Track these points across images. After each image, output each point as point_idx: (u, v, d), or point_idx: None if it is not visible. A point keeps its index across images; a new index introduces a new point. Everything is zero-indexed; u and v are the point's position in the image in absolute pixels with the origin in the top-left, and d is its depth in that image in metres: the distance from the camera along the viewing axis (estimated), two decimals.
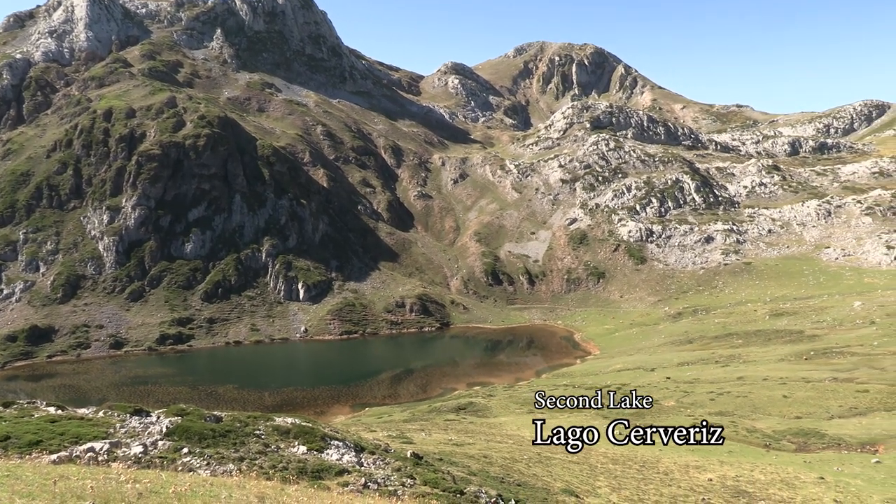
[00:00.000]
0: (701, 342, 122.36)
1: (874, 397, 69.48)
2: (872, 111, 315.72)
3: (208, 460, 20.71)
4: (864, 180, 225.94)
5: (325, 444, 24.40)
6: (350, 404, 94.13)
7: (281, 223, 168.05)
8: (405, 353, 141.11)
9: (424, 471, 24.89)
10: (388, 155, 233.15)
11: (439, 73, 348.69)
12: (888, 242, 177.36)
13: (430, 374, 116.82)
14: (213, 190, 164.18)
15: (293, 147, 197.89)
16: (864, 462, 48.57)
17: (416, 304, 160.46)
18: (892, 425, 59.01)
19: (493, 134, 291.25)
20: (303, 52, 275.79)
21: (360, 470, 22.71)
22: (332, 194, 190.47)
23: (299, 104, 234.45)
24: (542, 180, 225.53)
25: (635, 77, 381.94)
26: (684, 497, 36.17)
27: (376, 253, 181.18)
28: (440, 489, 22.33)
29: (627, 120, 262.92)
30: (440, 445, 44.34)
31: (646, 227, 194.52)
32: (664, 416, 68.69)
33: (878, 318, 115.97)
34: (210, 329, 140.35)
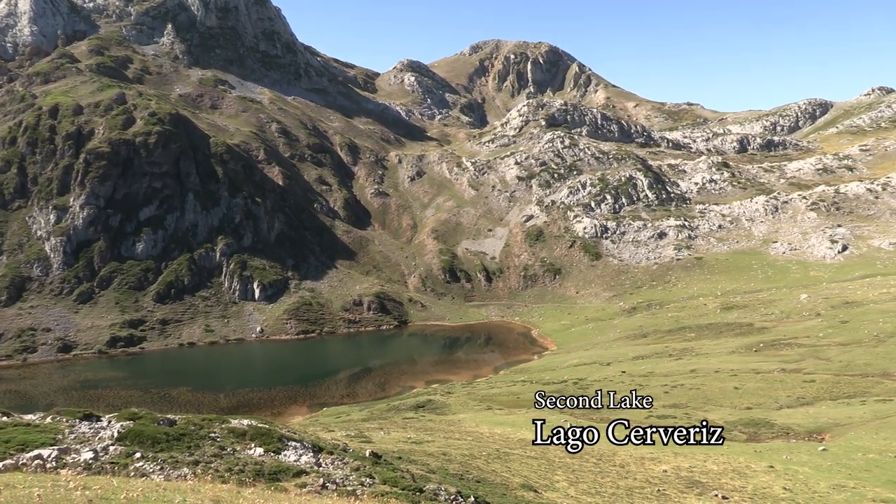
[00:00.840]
0: (655, 336, 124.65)
1: (820, 387, 71.77)
2: (816, 109, 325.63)
3: (162, 465, 20.28)
4: (809, 177, 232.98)
5: (282, 446, 24.12)
6: (308, 404, 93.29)
7: (235, 222, 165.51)
8: (363, 352, 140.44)
9: (383, 470, 24.80)
10: (344, 153, 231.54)
11: (395, 71, 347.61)
12: (832, 237, 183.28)
13: (389, 372, 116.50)
14: (164, 188, 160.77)
15: (247, 144, 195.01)
16: (812, 450, 50.11)
17: (373, 303, 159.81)
18: (838, 414, 61.02)
19: (449, 131, 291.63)
20: (257, 49, 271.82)
21: (319, 470, 22.52)
22: (288, 192, 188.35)
23: (253, 101, 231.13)
24: (498, 178, 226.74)
25: (589, 75, 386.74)
26: (640, 488, 36.78)
27: (333, 251, 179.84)
28: (399, 488, 22.28)
29: (582, 118, 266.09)
30: (399, 444, 44.25)
31: (601, 223, 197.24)
32: (620, 410, 69.76)
33: (823, 311, 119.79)
34: (163, 331, 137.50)
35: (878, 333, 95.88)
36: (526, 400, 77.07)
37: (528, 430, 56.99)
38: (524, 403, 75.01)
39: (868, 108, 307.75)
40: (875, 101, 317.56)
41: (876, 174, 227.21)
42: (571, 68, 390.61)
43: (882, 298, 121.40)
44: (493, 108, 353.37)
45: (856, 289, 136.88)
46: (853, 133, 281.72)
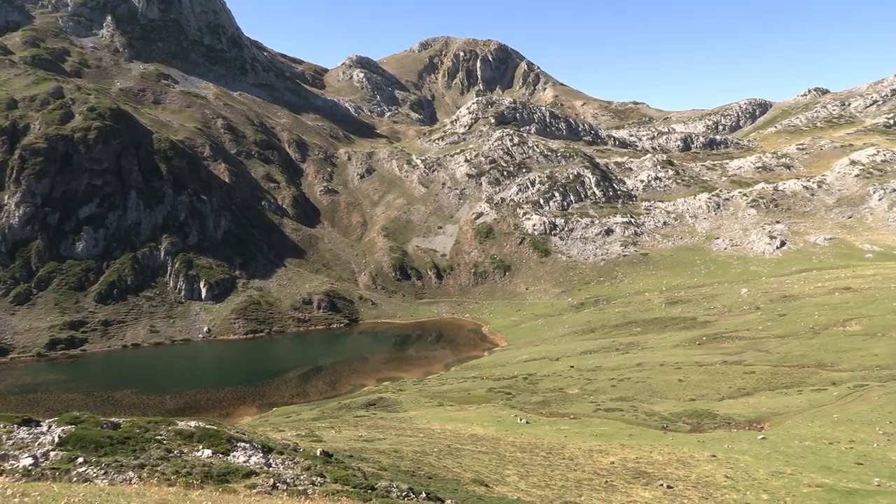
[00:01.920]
0: (602, 331, 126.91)
1: (760, 378, 74.25)
2: (756, 109, 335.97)
3: (106, 469, 19.82)
4: (749, 174, 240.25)
5: (231, 447, 23.81)
6: (257, 405, 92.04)
7: (180, 220, 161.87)
8: (313, 351, 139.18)
9: (335, 468, 24.72)
10: (292, 149, 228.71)
11: (344, 67, 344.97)
12: (771, 233, 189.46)
13: (340, 370, 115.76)
14: (105, 186, 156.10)
15: (192, 141, 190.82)
16: (752, 439, 51.84)
17: (323, 301, 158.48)
18: (776, 403, 63.24)
19: (399, 128, 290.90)
20: (201, 43, 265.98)
21: (269, 471, 22.32)
22: (235, 190, 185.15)
23: (198, 96, 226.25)
24: (448, 175, 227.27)
25: (538, 74, 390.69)
26: (588, 480, 37.50)
27: (282, 249, 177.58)
28: (351, 486, 22.25)
29: (531, 116, 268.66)
30: (350, 442, 44.10)
31: (549, 220, 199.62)
32: (569, 403, 70.93)
33: (762, 304, 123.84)
34: (105, 332, 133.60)
35: (813, 326, 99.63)
36: (477, 396, 77.65)
37: (479, 426, 57.47)
38: (475, 399, 75.56)
39: (805, 108, 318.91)
40: (811, 101, 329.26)
41: (812, 172, 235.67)
42: (520, 66, 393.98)
43: (817, 292, 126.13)
44: (442, 106, 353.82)
45: (793, 283, 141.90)
46: (791, 132, 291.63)
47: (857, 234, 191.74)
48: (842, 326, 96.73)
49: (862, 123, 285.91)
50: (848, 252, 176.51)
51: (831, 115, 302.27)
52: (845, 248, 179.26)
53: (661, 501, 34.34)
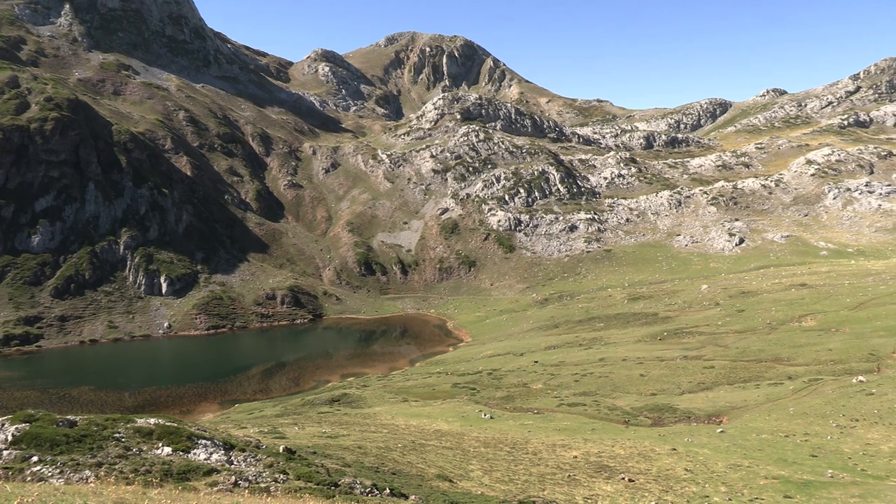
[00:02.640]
0: (566, 326, 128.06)
1: (719, 372, 75.70)
2: (716, 108, 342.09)
3: (62, 468, 19.36)
4: (709, 173, 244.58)
5: (191, 444, 23.46)
6: (219, 401, 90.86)
7: (141, 213, 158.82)
8: (277, 347, 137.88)
9: (298, 465, 24.52)
10: (256, 143, 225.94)
11: (309, 60, 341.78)
12: (730, 230, 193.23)
13: (303, 366, 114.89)
14: (63, 178, 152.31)
15: (153, 133, 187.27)
16: (711, 432, 52.84)
17: (287, 296, 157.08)
18: (735, 397, 64.55)
19: (364, 123, 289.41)
20: (163, 33, 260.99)
21: (230, 468, 22.05)
22: (197, 183, 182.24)
23: (160, 88, 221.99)
24: (414, 170, 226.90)
25: (503, 70, 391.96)
26: (552, 475, 37.83)
27: (245, 244, 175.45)
28: (314, 483, 22.09)
29: (496, 112, 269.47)
30: (314, 439, 43.80)
31: (514, 216, 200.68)
32: (533, 398, 71.45)
33: (721, 300, 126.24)
34: (62, 328, 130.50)
35: (770, 321, 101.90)
36: (442, 392, 77.77)
37: (443, 421, 57.57)
38: (440, 395, 75.67)
39: (763, 108, 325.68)
40: (769, 101, 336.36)
41: (770, 171, 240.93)
42: (486, 63, 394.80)
43: (775, 288, 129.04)
44: (408, 101, 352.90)
45: (751, 279, 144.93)
46: (750, 132, 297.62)
47: (813, 231, 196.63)
48: (798, 322, 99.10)
49: (818, 124, 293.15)
50: (804, 249, 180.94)
51: (788, 116, 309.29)
52: (801, 246, 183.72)
53: (622, 495, 34.80)
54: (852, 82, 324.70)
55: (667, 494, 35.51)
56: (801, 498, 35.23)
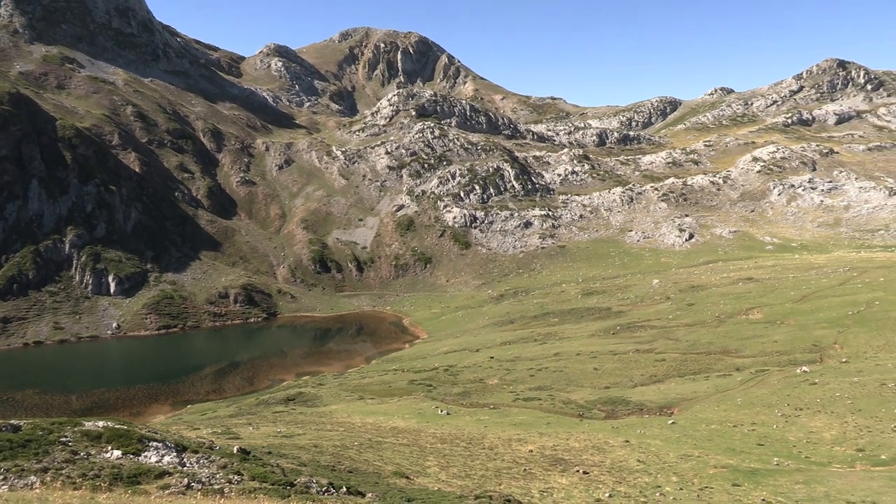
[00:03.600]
0: (521, 322, 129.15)
1: (670, 365, 77.35)
2: (667, 107, 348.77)
3: (5, 475, 18.77)
4: (660, 169, 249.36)
5: (142, 447, 22.98)
6: (170, 402, 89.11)
7: (87, 211, 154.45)
8: (230, 346, 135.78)
9: (252, 466, 24.24)
10: (207, 139, 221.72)
11: (262, 55, 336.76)
12: (680, 226, 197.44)
13: (258, 366, 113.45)
14: (4, 174, 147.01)
15: (100, 128, 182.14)
16: (662, 424, 53.99)
17: (240, 295, 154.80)
18: (685, 389, 66.06)
19: (319, 119, 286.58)
20: (109, 26, 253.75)
21: (183, 470, 21.67)
22: (146, 180, 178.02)
23: (106, 82, 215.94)
24: (369, 167, 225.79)
25: (458, 67, 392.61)
26: (508, 469, 38.18)
27: (196, 242, 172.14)
28: (269, 483, 21.87)
29: (451, 109, 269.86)
30: (269, 438, 43.33)
31: (470, 213, 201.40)
32: (489, 393, 71.92)
33: (672, 294, 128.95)
34: (4, 329, 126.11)
35: (719, 314, 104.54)
36: (398, 388, 77.70)
37: (400, 419, 57.54)
38: (396, 392, 75.60)
39: (711, 106, 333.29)
40: (717, 100, 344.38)
41: (718, 168, 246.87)
42: (441, 59, 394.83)
43: (723, 282, 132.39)
44: (363, 97, 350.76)
45: (700, 274, 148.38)
46: (699, 129, 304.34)
47: (759, 227, 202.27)
48: (745, 315, 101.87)
49: (763, 122, 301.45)
50: (750, 244, 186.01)
51: (736, 114, 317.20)
52: (748, 241, 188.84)
53: (577, 487, 35.32)
54: (796, 82, 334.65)
55: (620, 486, 36.18)
56: (748, 486, 36.29)
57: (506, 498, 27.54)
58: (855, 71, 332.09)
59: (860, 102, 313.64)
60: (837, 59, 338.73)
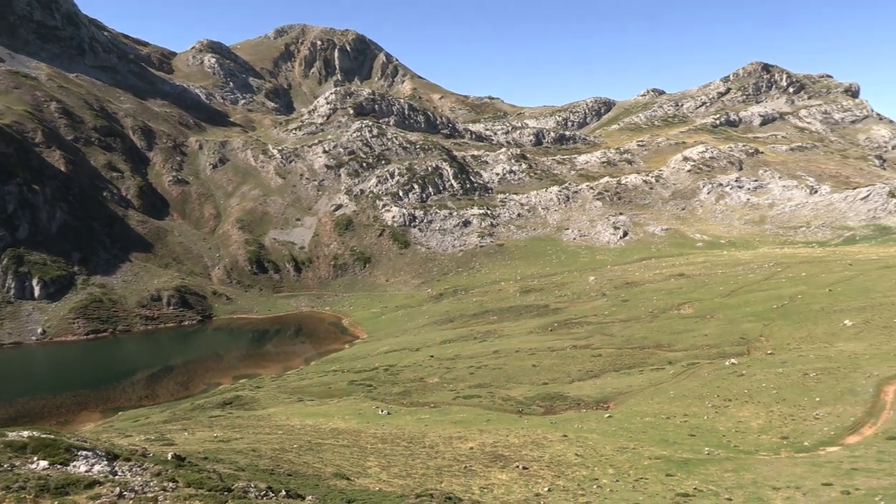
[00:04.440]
0: (461, 320, 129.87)
1: (606, 360, 79.10)
2: (601, 107, 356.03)
3: None
4: (595, 169, 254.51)
5: (70, 456, 22.17)
6: (101, 410, 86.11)
7: (8, 212, 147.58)
8: (163, 350, 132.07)
9: (188, 472, 23.69)
10: (137, 136, 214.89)
11: (194, 51, 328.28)
12: (615, 224, 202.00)
13: (193, 369, 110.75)
14: None
15: (21, 125, 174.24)
16: (599, 418, 55.21)
17: (174, 297, 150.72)
18: (621, 383, 67.67)
19: (254, 117, 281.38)
20: (31, 18, 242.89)
21: (115, 479, 21.01)
22: (72, 179, 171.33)
23: (28, 77, 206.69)
24: (306, 166, 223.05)
25: (396, 66, 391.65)
26: (448, 467, 38.40)
27: (127, 243, 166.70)
28: (206, 489, 21.42)
29: (390, 107, 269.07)
30: (205, 444, 42.38)
31: (409, 212, 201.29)
32: (429, 392, 72.09)
33: (608, 291, 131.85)
34: None
35: (652, 310, 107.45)
36: (338, 390, 77.10)
37: (340, 420, 57.13)
38: (336, 393, 75.00)
39: (644, 107, 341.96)
40: (649, 101, 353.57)
41: (650, 167, 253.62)
42: (379, 58, 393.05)
43: (656, 278, 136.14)
44: (299, 95, 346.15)
45: (634, 270, 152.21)
46: (632, 130, 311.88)
47: (690, 224, 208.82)
48: (677, 310, 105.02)
49: (693, 123, 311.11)
50: (682, 241, 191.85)
51: (667, 115, 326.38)
52: (679, 238, 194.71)
53: (517, 482, 35.81)
54: (723, 84, 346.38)
55: (559, 479, 36.85)
56: (681, 475, 37.49)
57: (446, 496, 27.70)
58: (778, 74, 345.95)
59: (783, 105, 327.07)
60: (762, 62, 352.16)
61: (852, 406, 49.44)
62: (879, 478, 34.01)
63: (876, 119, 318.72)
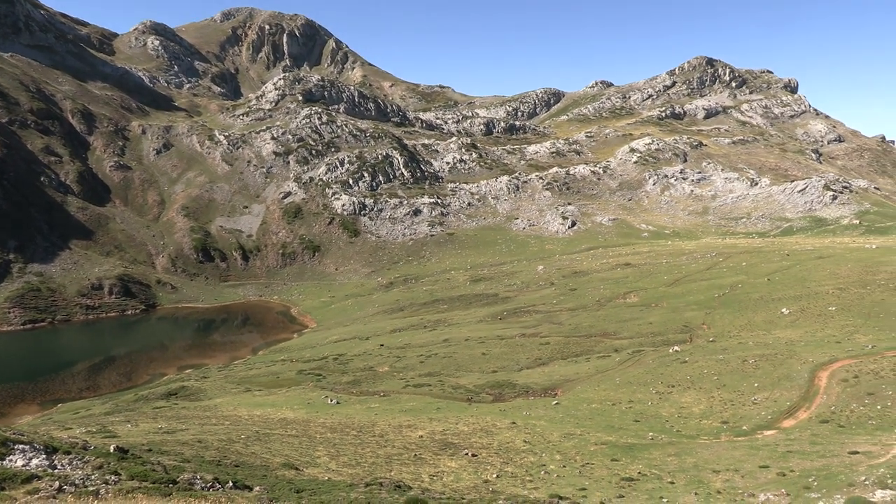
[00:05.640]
0: (411, 309, 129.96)
1: (554, 348, 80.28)
2: (551, 98, 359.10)
3: None
4: (544, 159, 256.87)
5: (6, 450, 21.44)
6: (39, 402, 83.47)
7: None
8: (105, 340, 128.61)
9: (131, 464, 23.17)
10: (76, 120, 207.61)
11: (136, 33, 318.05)
12: (563, 214, 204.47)
13: (136, 360, 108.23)
14: None
15: None
16: (547, 405, 56.07)
17: (116, 286, 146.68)
18: (568, 371, 68.81)
19: (200, 102, 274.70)
20: None
21: (54, 473, 20.42)
22: (7, 163, 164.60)
23: None
24: (254, 152, 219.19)
25: (346, 52, 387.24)
26: (398, 455, 38.49)
27: (66, 230, 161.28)
28: (150, 482, 20.99)
29: (339, 94, 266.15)
30: (149, 435, 41.51)
31: (359, 200, 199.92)
32: (379, 381, 72.05)
33: (556, 280, 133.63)
34: None
35: (599, 299, 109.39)
36: (286, 379, 76.37)
37: (289, 409, 56.63)
38: (285, 383, 74.29)
39: (592, 99, 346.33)
40: (598, 93, 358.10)
41: (598, 158, 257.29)
42: (328, 44, 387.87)
43: (603, 268, 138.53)
44: (247, 80, 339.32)
45: (582, 260, 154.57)
46: (580, 121, 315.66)
47: (636, 215, 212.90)
48: (623, 299, 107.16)
49: (640, 115, 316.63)
50: (628, 231, 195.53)
51: (615, 107, 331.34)
52: (626, 228, 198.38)
53: (466, 469, 36.13)
54: (669, 77, 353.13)
55: (507, 466, 37.33)
56: (626, 460, 38.41)
57: (396, 484, 27.79)
58: (721, 69, 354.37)
59: (726, 98, 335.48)
60: (706, 57, 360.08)
61: (788, 391, 51.36)
62: (813, 460, 35.47)
63: (813, 114, 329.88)
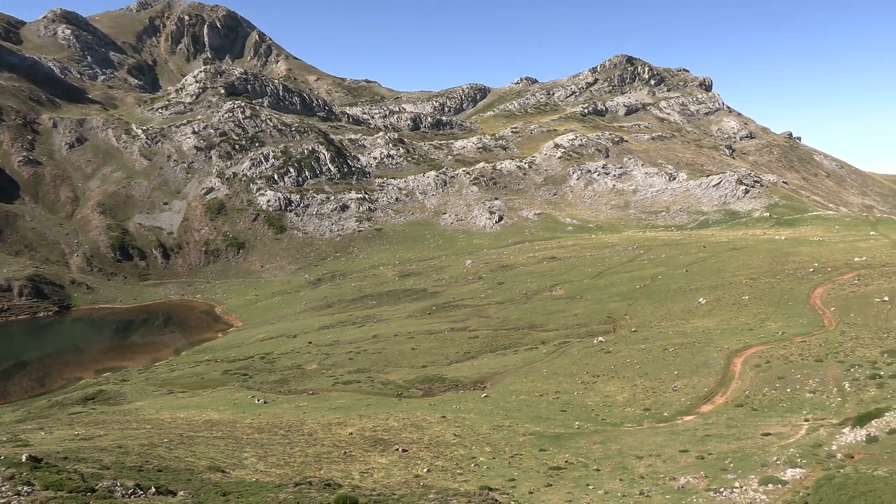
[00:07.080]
0: (339, 306, 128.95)
1: (483, 342, 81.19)
2: (477, 94, 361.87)
3: None
4: (471, 154, 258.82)
5: None
6: None
7: None
8: (15, 344, 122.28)
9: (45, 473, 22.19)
10: None
11: (46, 21, 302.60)
12: (490, 208, 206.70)
13: (49, 364, 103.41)
14: None
15: None
16: (476, 398, 56.70)
17: (26, 287, 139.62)
18: (496, 364, 69.73)
19: (115, 94, 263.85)
20: None
21: None
22: None
23: None
24: (174, 147, 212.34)
25: (270, 45, 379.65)
26: (328, 453, 38.19)
27: None
28: (66, 491, 20.16)
29: (264, 88, 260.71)
30: (65, 443, 39.77)
31: (285, 196, 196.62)
32: (307, 379, 71.24)
33: (484, 274, 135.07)
34: None
35: (526, 292, 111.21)
36: (211, 380, 74.60)
37: (214, 411, 55.32)
38: (209, 384, 72.52)
39: (518, 95, 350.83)
40: (523, 89, 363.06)
41: (524, 153, 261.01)
42: (251, 36, 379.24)
43: (529, 261, 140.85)
44: (166, 72, 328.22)
45: (509, 254, 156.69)
46: (506, 117, 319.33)
47: (561, 209, 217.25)
48: (549, 291, 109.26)
49: (564, 111, 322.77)
50: (553, 225, 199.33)
51: (539, 103, 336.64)
52: (551, 222, 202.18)
53: (396, 465, 36.18)
54: (591, 75, 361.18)
55: (438, 460, 37.58)
56: (553, 450, 39.27)
57: (326, 482, 27.58)
58: (641, 67, 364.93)
59: (645, 96, 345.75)
60: (626, 55, 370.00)
61: (706, 377, 53.56)
62: (729, 442, 37.15)
63: (726, 112, 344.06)
